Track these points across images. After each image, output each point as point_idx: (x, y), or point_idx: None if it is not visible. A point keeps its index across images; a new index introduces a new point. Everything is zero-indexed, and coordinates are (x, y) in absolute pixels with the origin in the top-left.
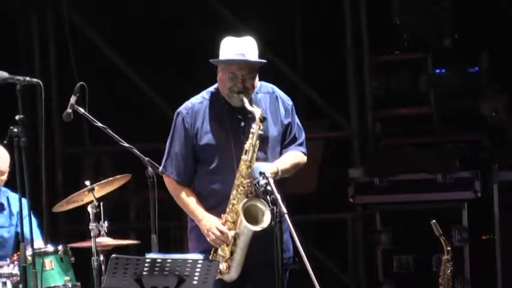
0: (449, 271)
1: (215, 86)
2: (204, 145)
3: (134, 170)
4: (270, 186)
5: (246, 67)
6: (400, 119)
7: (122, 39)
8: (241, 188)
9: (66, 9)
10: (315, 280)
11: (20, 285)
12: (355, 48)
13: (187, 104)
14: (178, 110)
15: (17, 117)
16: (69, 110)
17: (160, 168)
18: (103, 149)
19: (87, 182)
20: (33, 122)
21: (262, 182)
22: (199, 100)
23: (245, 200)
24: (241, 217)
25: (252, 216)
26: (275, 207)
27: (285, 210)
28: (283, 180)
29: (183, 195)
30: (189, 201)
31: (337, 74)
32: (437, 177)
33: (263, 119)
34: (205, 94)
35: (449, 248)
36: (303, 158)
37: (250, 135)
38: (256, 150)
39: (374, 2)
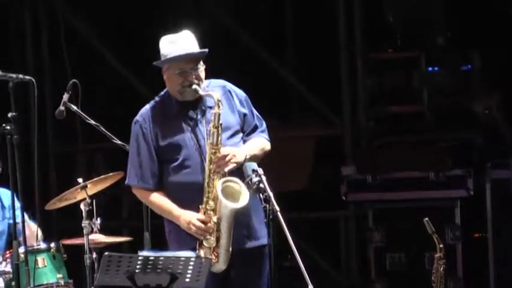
0: (441, 269)
1: (164, 90)
2: (165, 145)
3: (127, 167)
4: (263, 183)
5: (192, 60)
6: (393, 117)
7: (116, 37)
8: (212, 173)
9: (59, 6)
10: (307, 276)
11: (13, 283)
12: (349, 46)
13: (142, 110)
14: (134, 119)
15: (9, 115)
16: (61, 108)
17: (126, 181)
18: (96, 146)
19: (80, 180)
20: (25, 119)
21: (255, 179)
22: (151, 104)
23: (221, 181)
24: (220, 198)
25: (230, 197)
26: (268, 205)
27: (277, 208)
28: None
29: (155, 199)
30: (163, 203)
31: (330, 71)
32: (430, 175)
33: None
34: (156, 98)
35: (441, 246)
36: (267, 144)
37: (212, 118)
38: (220, 132)
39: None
